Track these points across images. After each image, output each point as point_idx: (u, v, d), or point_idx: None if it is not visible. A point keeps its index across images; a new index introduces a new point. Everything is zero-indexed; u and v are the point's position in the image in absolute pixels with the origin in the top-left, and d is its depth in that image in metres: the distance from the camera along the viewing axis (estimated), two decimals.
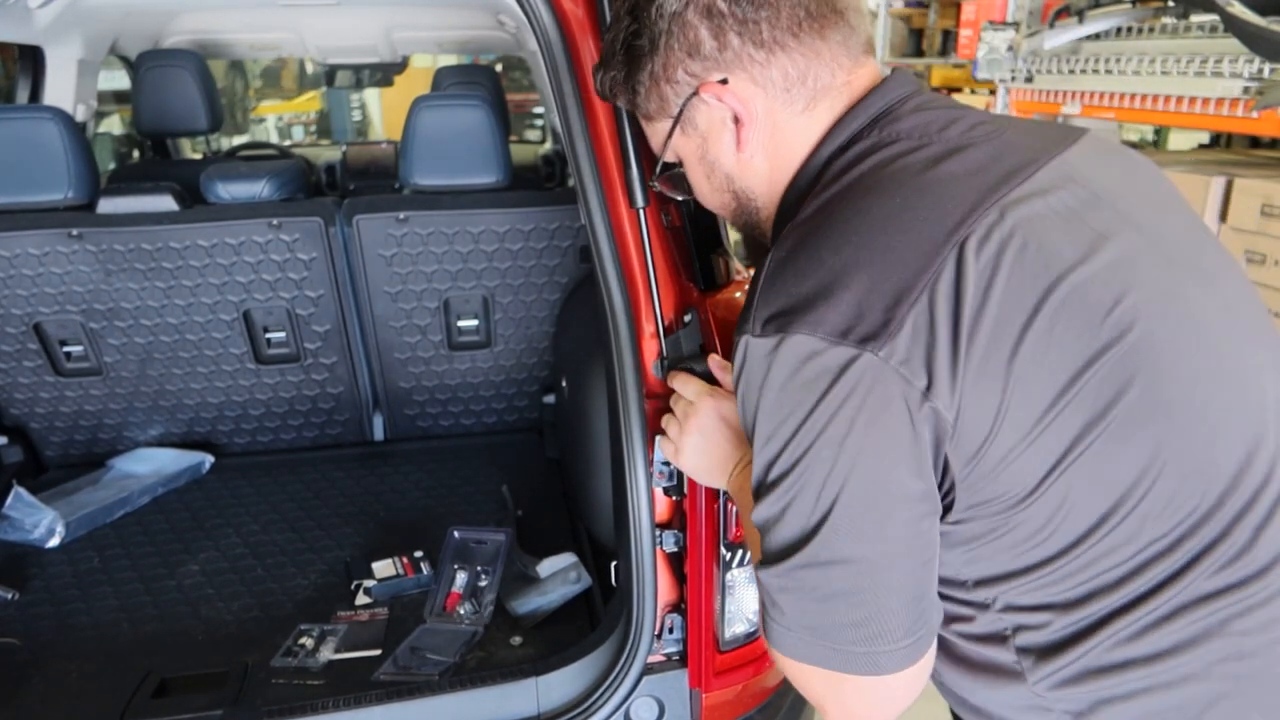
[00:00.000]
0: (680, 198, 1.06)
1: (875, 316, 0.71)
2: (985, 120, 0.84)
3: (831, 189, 0.81)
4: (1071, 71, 3.62)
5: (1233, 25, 2.63)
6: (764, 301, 0.77)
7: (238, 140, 6.21)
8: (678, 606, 1.32)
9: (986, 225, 0.73)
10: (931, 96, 0.88)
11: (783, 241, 0.80)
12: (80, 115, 2.63)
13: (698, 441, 1.05)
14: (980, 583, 0.81)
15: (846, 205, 0.78)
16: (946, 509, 0.78)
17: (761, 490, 0.79)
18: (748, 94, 0.86)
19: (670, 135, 0.93)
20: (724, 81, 0.86)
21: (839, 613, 0.76)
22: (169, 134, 3.25)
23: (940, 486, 0.76)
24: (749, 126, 0.87)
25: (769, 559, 0.79)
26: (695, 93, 0.88)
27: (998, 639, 0.81)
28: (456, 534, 1.84)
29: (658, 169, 1.00)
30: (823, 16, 0.85)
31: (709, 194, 0.98)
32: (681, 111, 0.90)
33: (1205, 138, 4.28)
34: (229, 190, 2.09)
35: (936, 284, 0.71)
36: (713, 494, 1.22)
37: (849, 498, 0.73)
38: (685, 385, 1.10)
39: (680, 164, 0.99)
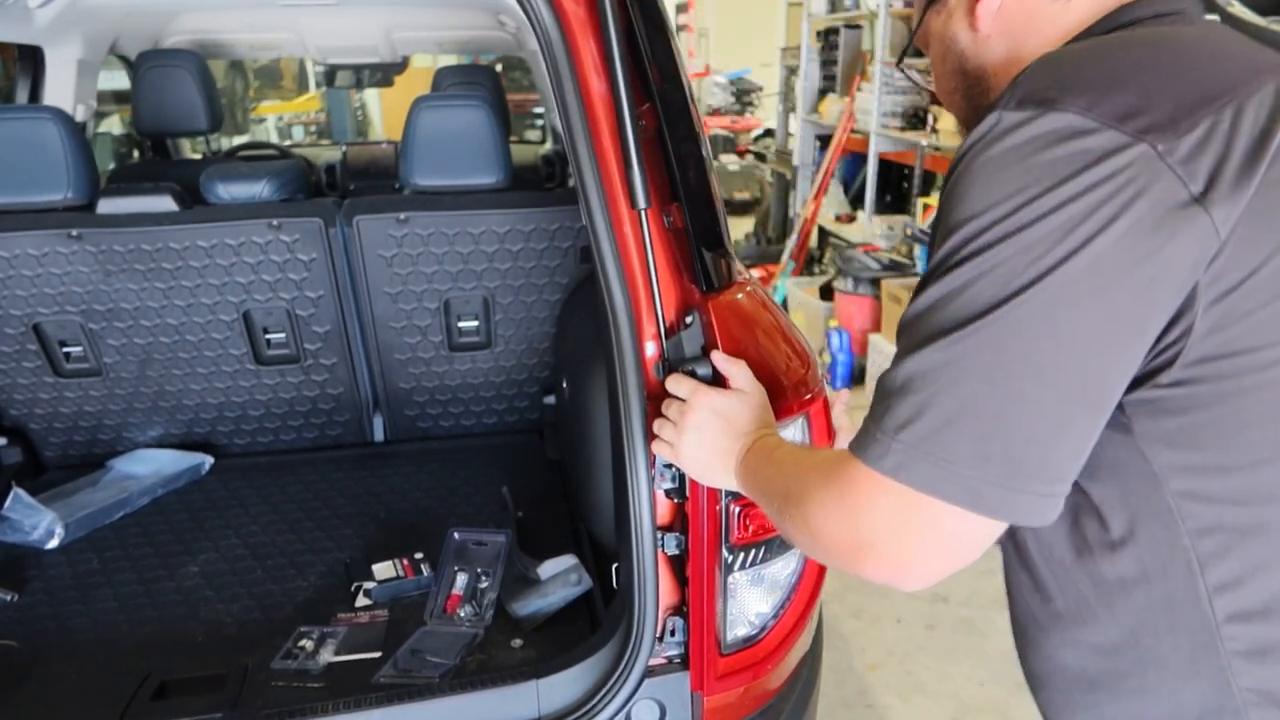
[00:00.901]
0: (923, 85, 1.01)
1: (1165, 109, 0.63)
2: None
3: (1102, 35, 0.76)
4: None
5: (1233, 25, 2.63)
6: (1027, 81, 0.68)
7: (238, 140, 6.21)
8: (679, 609, 1.31)
9: None
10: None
11: (1053, 52, 0.73)
12: (80, 115, 2.63)
13: (695, 438, 1.04)
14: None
15: (1134, 34, 0.73)
16: (1163, 366, 0.66)
17: (943, 268, 0.67)
18: None
19: (925, 12, 0.89)
20: None
21: (982, 425, 0.64)
22: (169, 134, 3.25)
23: (1168, 333, 0.65)
24: (985, 7, 0.82)
25: (919, 342, 0.66)
26: None
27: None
28: (456, 535, 1.84)
29: (905, 49, 1.00)
30: None
31: (941, 76, 0.92)
32: None
33: None
34: (229, 191, 2.08)
35: (1248, 99, 0.63)
36: (714, 496, 1.22)
37: (1060, 287, 0.62)
38: (679, 385, 1.10)
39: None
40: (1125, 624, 0.75)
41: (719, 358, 1.12)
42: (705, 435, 1.03)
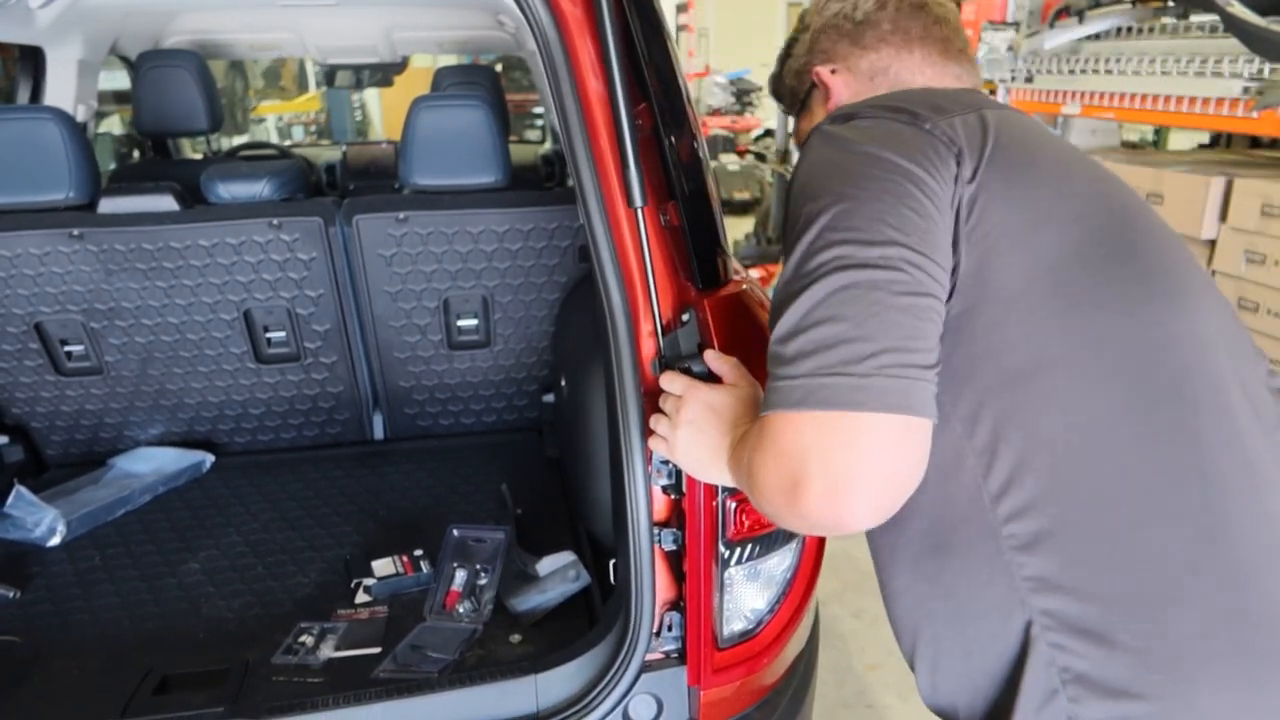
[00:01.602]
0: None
1: (924, 112, 0.87)
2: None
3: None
4: (1071, 72, 3.62)
5: (1233, 25, 2.64)
6: (832, 115, 0.94)
7: (238, 140, 6.22)
8: (676, 604, 1.32)
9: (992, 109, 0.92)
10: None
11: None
12: (81, 115, 2.63)
13: (689, 434, 1.05)
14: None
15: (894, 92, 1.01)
16: (952, 290, 0.82)
17: (799, 237, 0.83)
18: (843, 81, 1.12)
19: (799, 109, 1.20)
20: (832, 70, 1.13)
21: (851, 334, 0.76)
22: (169, 134, 3.26)
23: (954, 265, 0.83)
24: (833, 100, 1.13)
25: (790, 299, 0.81)
26: (812, 79, 1.15)
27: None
28: (455, 532, 1.85)
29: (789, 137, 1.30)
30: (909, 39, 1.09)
31: None
32: (807, 94, 1.18)
33: (1205, 138, 4.28)
34: (229, 190, 2.09)
35: (967, 113, 0.88)
36: (711, 492, 1.23)
37: (869, 201, 0.80)
38: (672, 382, 1.11)
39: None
40: (926, 520, 0.88)
41: (711, 356, 1.13)
42: (699, 430, 1.04)
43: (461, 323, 2.28)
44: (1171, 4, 3.20)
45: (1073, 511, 0.80)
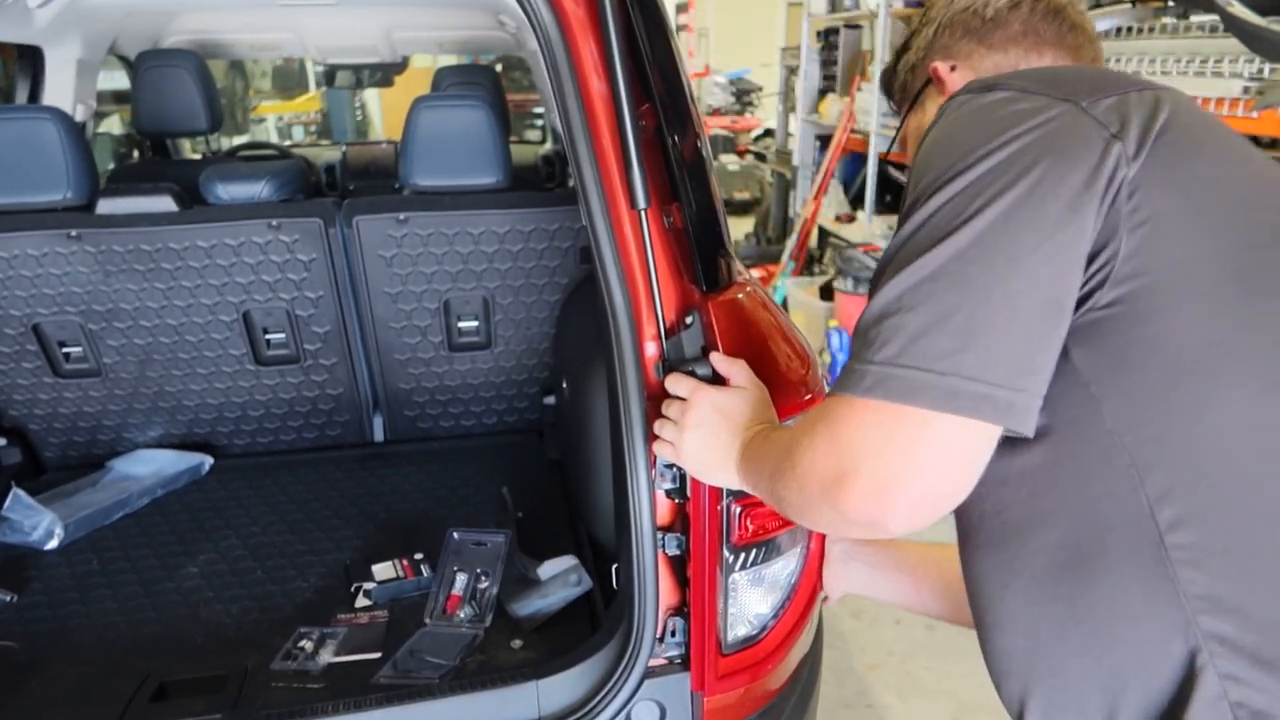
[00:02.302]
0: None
1: (1081, 89, 0.78)
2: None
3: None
4: None
5: (1233, 25, 2.63)
6: (966, 86, 0.86)
7: (238, 140, 6.21)
8: (680, 609, 1.31)
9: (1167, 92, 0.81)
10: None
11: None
12: (79, 115, 2.62)
13: (697, 436, 1.04)
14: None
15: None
16: (1096, 287, 0.73)
17: (905, 218, 0.77)
18: (957, 78, 1.07)
19: (909, 106, 1.14)
20: (951, 68, 1.07)
21: (954, 328, 0.69)
22: (168, 134, 3.25)
23: (1099, 256, 0.73)
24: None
25: (886, 279, 0.73)
26: (929, 78, 1.10)
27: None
28: (456, 535, 1.84)
29: (892, 143, 1.23)
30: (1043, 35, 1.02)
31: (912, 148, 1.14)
32: (920, 92, 1.12)
33: None
34: (228, 191, 2.08)
35: (1136, 93, 0.79)
36: (715, 496, 1.22)
37: (1009, 204, 0.71)
38: (678, 384, 1.10)
39: None
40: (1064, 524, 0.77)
41: (718, 359, 1.12)
42: (706, 433, 1.03)
43: (462, 324, 2.27)
44: (1171, 4, 3.19)
45: (1252, 522, 0.71)
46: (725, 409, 1.03)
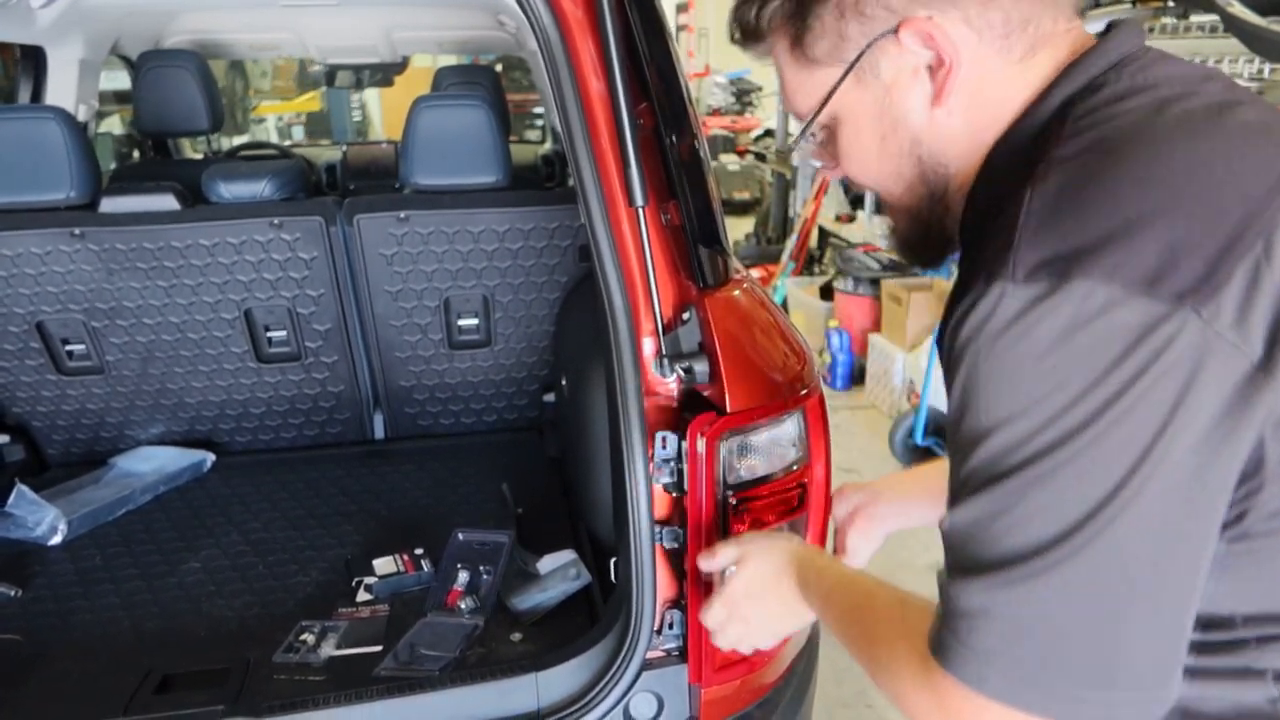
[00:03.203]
0: (820, 164, 0.86)
1: (1195, 264, 0.56)
2: (1226, 78, 0.72)
3: (1100, 128, 0.65)
4: None
5: (1233, 25, 2.64)
6: (1029, 242, 0.59)
7: (238, 140, 6.22)
8: (677, 602, 1.32)
9: None
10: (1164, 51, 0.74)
11: (1044, 179, 0.63)
12: (82, 115, 2.64)
13: (755, 620, 1.02)
14: (1252, 618, 0.65)
15: (1135, 142, 0.62)
16: (1235, 519, 0.62)
17: (991, 477, 0.61)
18: (959, 36, 0.69)
19: (838, 85, 0.75)
20: (927, 18, 0.69)
21: (1083, 647, 0.59)
22: (170, 134, 3.26)
23: (1237, 489, 0.60)
24: (954, 76, 0.70)
25: (989, 565, 0.61)
26: (892, 31, 0.70)
27: (1253, 676, 0.66)
28: (460, 536, 1.85)
29: (804, 129, 0.80)
30: None
31: (876, 160, 0.78)
32: (861, 55, 0.72)
33: None
34: (230, 190, 2.10)
35: (1275, 229, 0.57)
36: (713, 490, 1.23)
37: (1141, 497, 0.57)
38: (711, 561, 1.08)
39: (821, 125, 0.79)
40: None
41: (704, 561, 1.11)
42: (754, 616, 1.03)
43: (462, 322, 2.28)
44: (1171, 4, 3.21)
45: None
46: (754, 590, 1.02)
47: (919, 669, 0.68)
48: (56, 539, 1.96)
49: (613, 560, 1.44)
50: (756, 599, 1.01)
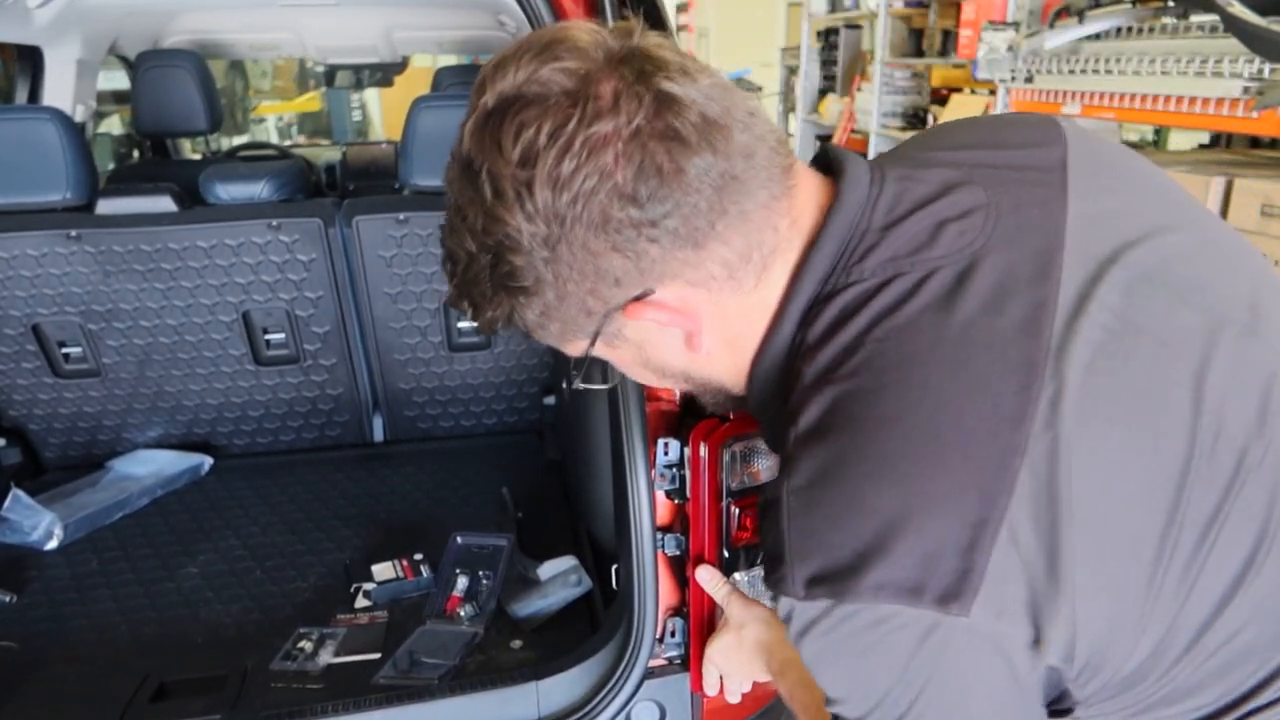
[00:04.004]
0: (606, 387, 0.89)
1: (949, 565, 0.58)
2: (963, 187, 0.68)
3: (831, 385, 0.64)
4: (1071, 71, 3.61)
5: (1233, 25, 2.63)
6: (799, 556, 0.62)
7: (237, 140, 6.21)
8: (679, 610, 1.31)
9: (1043, 417, 0.59)
10: (891, 176, 0.71)
11: (796, 465, 0.64)
12: (79, 116, 2.62)
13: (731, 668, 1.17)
14: None
15: (863, 412, 0.62)
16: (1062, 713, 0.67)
17: None
18: (685, 298, 0.68)
19: (587, 354, 0.76)
20: (647, 294, 0.67)
21: None
22: (168, 134, 3.25)
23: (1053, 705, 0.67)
24: (700, 326, 0.70)
25: None
26: (619, 310, 0.69)
27: None
28: (459, 540, 1.84)
29: (578, 377, 0.81)
30: (734, 169, 0.64)
31: (657, 383, 0.83)
32: (598, 333, 0.72)
33: (1205, 138, 4.27)
34: (228, 191, 2.08)
35: (1009, 505, 0.58)
36: (715, 496, 1.22)
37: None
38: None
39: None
40: None
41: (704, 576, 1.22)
42: (735, 664, 1.16)
43: (462, 324, 2.27)
44: (1171, 4, 3.19)
45: None
46: (726, 652, 1.16)
47: None
48: (53, 543, 1.95)
49: (614, 566, 1.43)
50: (739, 665, 1.15)
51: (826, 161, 0.74)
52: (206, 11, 2.89)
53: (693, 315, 0.69)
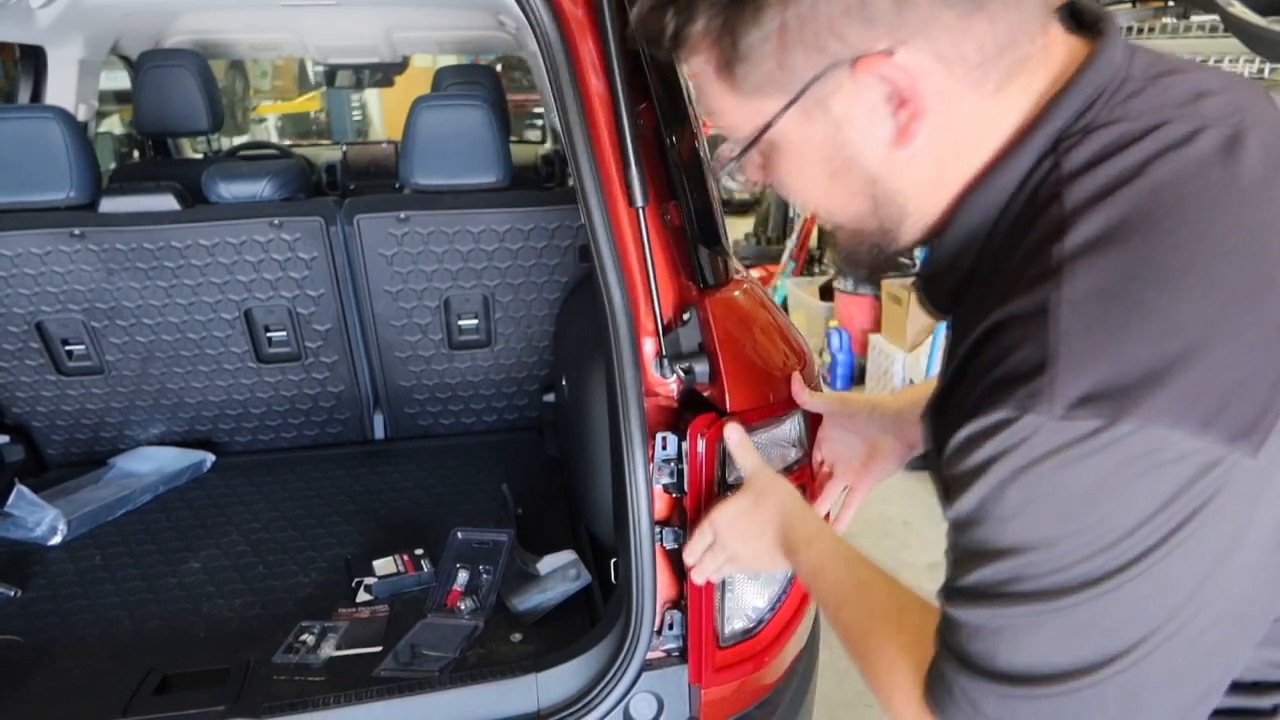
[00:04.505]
0: (747, 194, 0.79)
1: (1250, 400, 0.52)
2: (1211, 71, 0.66)
3: (1114, 201, 0.57)
4: None
5: (1233, 25, 2.64)
6: (1072, 369, 0.54)
7: (238, 140, 6.22)
8: (677, 603, 1.32)
9: None
10: (1139, 48, 0.67)
11: (1070, 276, 0.56)
12: (81, 115, 2.64)
13: (736, 542, 1.05)
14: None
15: (1164, 225, 0.56)
16: None
17: (999, 594, 0.59)
18: (926, 72, 0.60)
19: (776, 119, 0.65)
20: (888, 52, 0.59)
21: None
22: (170, 134, 3.27)
23: None
24: (922, 116, 0.62)
25: (980, 669, 0.61)
26: (846, 64, 0.60)
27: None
28: (459, 534, 1.85)
29: (737, 157, 0.70)
30: None
31: (822, 195, 0.71)
32: (807, 89, 0.62)
33: None
34: (230, 190, 2.10)
35: None
36: (712, 489, 1.23)
37: (1167, 642, 0.56)
38: (700, 538, 1.10)
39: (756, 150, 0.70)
40: None
41: (733, 436, 1.12)
42: (739, 551, 1.06)
43: (462, 322, 2.28)
44: (1171, 4, 3.21)
45: None
46: (736, 526, 1.05)
47: (912, 687, 0.68)
48: (56, 539, 1.96)
49: (613, 561, 1.44)
50: (741, 538, 1.04)
51: (1073, 15, 0.69)
52: (207, 11, 2.90)
53: (919, 100, 0.61)
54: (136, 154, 4.14)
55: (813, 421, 1.27)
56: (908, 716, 0.69)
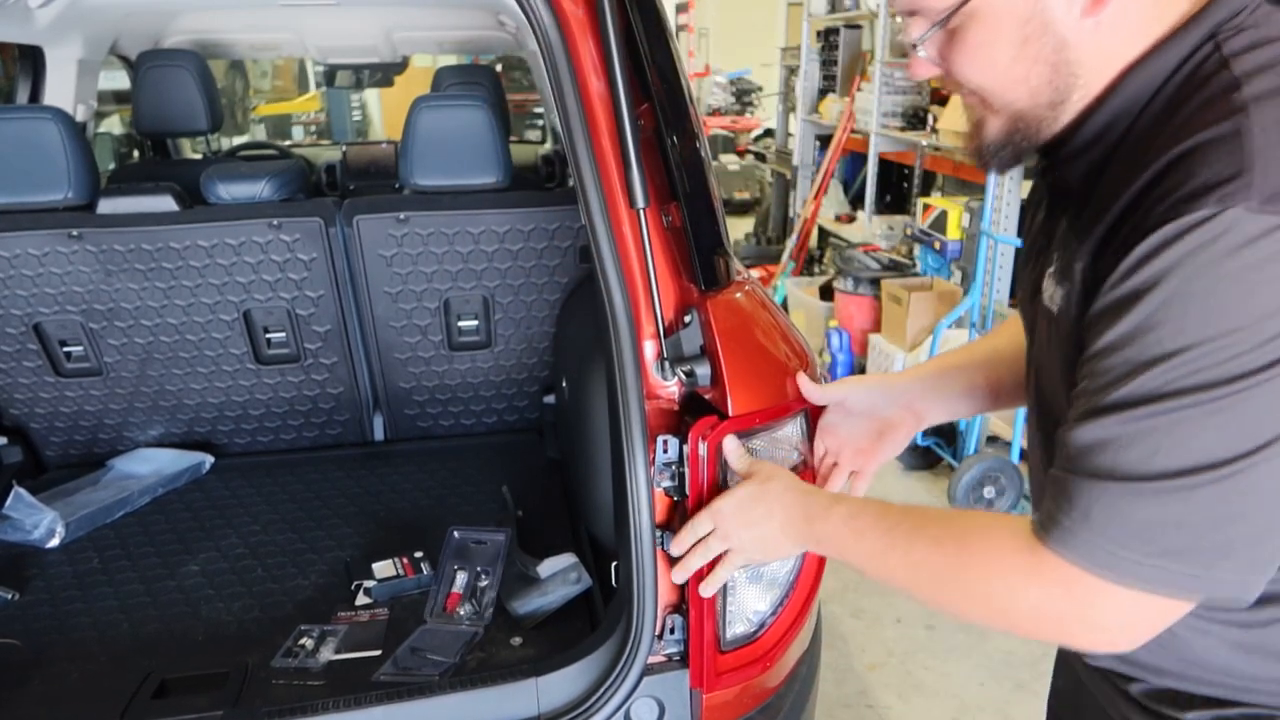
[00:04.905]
0: (927, 76, 0.81)
1: None
2: None
3: (1273, 72, 0.67)
4: None
5: None
6: (1267, 170, 0.61)
7: (238, 140, 6.22)
8: (679, 607, 1.31)
9: None
10: None
11: (1258, 108, 0.64)
12: (80, 115, 2.63)
13: (742, 529, 1.04)
14: None
15: None
16: None
17: (1160, 395, 0.64)
18: None
19: None
20: None
21: (1209, 545, 0.66)
22: (169, 134, 3.26)
23: None
24: None
25: (1128, 475, 0.66)
26: None
27: None
28: (456, 534, 1.84)
29: (939, 24, 0.76)
30: None
31: (1006, 64, 0.75)
32: None
33: None
34: (229, 191, 2.09)
35: None
36: (714, 494, 1.22)
37: None
38: (699, 524, 1.10)
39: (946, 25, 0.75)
40: None
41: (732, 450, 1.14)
42: (744, 538, 1.06)
43: (462, 323, 2.28)
44: None
45: None
46: (744, 509, 1.05)
47: (1027, 559, 0.73)
48: (54, 541, 1.96)
49: (614, 564, 1.43)
50: (746, 524, 1.03)
51: None
52: (207, 11, 2.89)
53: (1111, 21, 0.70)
54: (136, 154, 4.14)
55: (813, 414, 1.27)
56: (1018, 569, 0.73)
